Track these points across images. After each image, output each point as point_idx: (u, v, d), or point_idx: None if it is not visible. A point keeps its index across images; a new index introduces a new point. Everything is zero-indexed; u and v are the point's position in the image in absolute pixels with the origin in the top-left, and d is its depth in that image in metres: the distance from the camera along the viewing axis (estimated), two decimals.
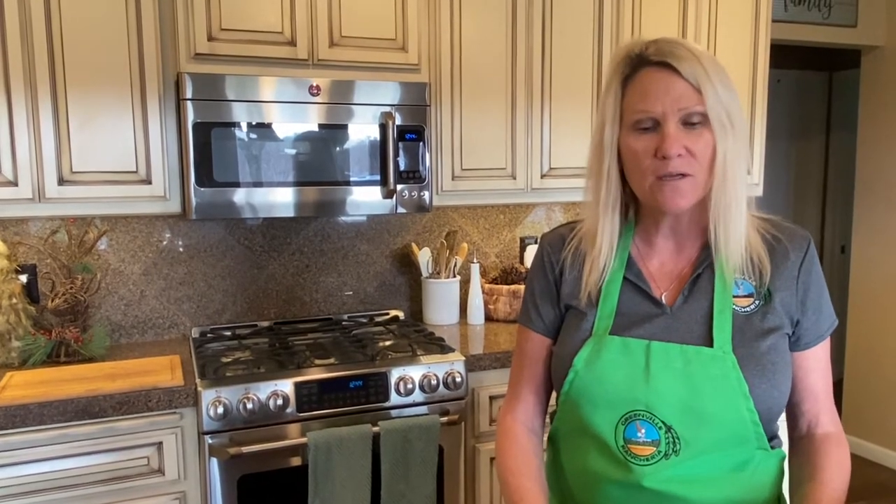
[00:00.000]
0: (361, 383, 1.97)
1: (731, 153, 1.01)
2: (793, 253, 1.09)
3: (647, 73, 1.03)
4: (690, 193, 1.02)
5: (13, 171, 1.90)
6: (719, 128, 1.00)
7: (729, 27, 2.67)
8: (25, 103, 1.89)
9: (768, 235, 1.09)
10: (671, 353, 1.04)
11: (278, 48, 2.07)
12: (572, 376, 1.09)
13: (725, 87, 1.01)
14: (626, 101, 1.04)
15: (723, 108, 1.00)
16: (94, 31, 1.93)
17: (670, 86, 1.00)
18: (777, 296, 1.07)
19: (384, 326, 2.45)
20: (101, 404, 1.76)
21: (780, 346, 1.06)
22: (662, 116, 1.00)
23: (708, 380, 1.01)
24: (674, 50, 1.01)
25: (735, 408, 1.01)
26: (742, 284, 1.07)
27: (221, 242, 2.41)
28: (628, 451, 1.03)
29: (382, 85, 2.17)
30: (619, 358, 1.06)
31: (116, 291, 2.30)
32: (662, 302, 1.09)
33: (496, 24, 2.35)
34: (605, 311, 1.10)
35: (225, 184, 2.03)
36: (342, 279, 2.58)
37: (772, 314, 1.06)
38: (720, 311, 1.05)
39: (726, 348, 1.03)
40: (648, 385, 1.03)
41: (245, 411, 1.84)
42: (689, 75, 0.99)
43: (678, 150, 0.99)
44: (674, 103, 1.00)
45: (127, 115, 1.98)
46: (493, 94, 2.38)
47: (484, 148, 2.39)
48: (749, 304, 1.06)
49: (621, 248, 1.12)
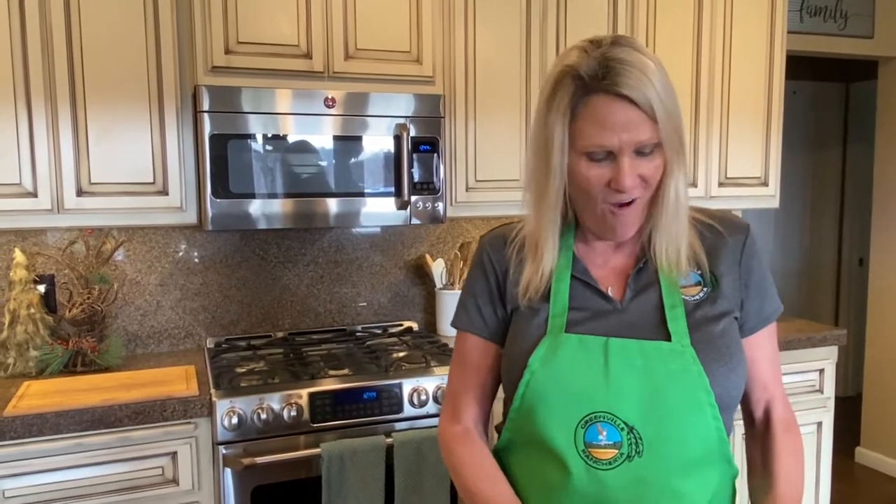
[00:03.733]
0: (375, 395, 1.97)
1: (679, 171, 1.02)
2: (731, 238, 1.10)
3: (600, 102, 0.97)
4: (637, 219, 1.04)
5: (33, 182, 1.92)
6: (672, 153, 0.99)
7: (744, 39, 2.67)
8: (46, 116, 1.92)
9: (700, 226, 1.09)
10: (630, 349, 1.01)
11: (294, 61, 2.09)
12: (528, 377, 1.04)
13: (673, 102, 0.98)
14: (578, 126, 0.99)
15: (673, 129, 0.98)
16: (114, 45, 1.96)
17: (626, 119, 0.96)
18: (723, 280, 1.08)
19: (398, 338, 2.45)
20: (117, 414, 1.77)
21: (732, 329, 1.06)
22: (618, 150, 0.97)
23: (668, 376, 0.99)
24: (626, 77, 0.95)
25: (697, 404, 0.99)
26: (689, 275, 1.07)
27: (237, 253, 2.43)
28: (589, 455, 0.99)
29: (397, 97, 2.18)
30: (577, 356, 1.02)
31: (133, 302, 2.32)
32: (612, 297, 1.07)
33: (510, 36, 2.36)
34: (557, 309, 1.07)
35: (241, 195, 2.04)
36: (356, 290, 2.59)
37: (721, 299, 1.07)
38: (672, 306, 1.04)
39: (684, 341, 1.01)
40: (608, 384, 0.99)
41: (259, 422, 1.85)
42: (644, 104, 0.95)
43: (633, 182, 0.99)
44: (630, 137, 0.96)
45: (145, 127, 2.01)
46: (507, 106, 2.39)
47: (498, 159, 2.40)
48: (697, 292, 1.07)
49: (565, 247, 1.11)
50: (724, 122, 2.67)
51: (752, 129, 2.72)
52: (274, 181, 2.07)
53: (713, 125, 2.65)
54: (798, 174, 4.80)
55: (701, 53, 2.61)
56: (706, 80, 2.63)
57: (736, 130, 2.69)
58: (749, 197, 2.76)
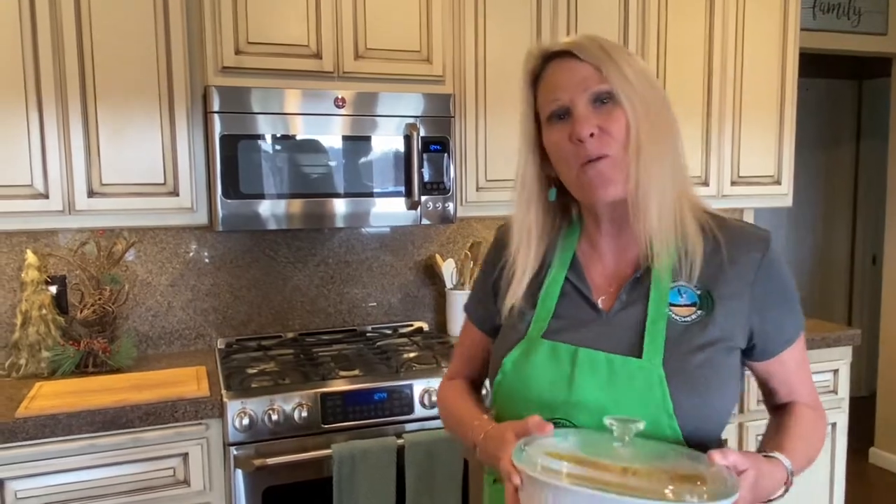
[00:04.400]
0: (386, 395, 1.96)
1: (647, 132, 0.97)
2: (743, 256, 1.00)
3: (551, 67, 1.03)
4: (615, 176, 0.98)
5: (44, 183, 1.92)
6: (628, 104, 0.97)
7: (757, 37, 2.64)
8: (56, 117, 1.92)
9: (712, 234, 1.01)
10: (597, 361, 0.99)
11: (304, 61, 2.08)
12: (500, 378, 1.06)
13: (633, 70, 0.99)
14: (539, 96, 1.05)
15: (631, 87, 0.98)
16: (124, 46, 1.96)
17: (573, 71, 1.00)
18: (722, 305, 0.99)
19: (408, 338, 2.45)
20: (129, 415, 1.78)
21: (716, 360, 0.97)
22: (571, 102, 0.99)
23: (631, 392, 0.95)
24: (575, 40, 1.02)
25: (657, 424, 0.94)
26: (685, 292, 1.00)
27: (247, 253, 2.43)
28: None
29: (407, 97, 2.17)
30: (546, 362, 1.01)
31: (144, 302, 2.33)
32: (599, 307, 1.04)
33: (521, 35, 2.35)
34: (542, 314, 1.06)
35: (251, 195, 2.04)
36: (366, 290, 2.58)
37: (712, 326, 0.98)
38: (653, 321, 0.99)
39: (655, 361, 0.96)
40: (570, 392, 0.98)
41: (270, 423, 1.84)
42: (590, 57, 0.99)
43: (589, 129, 0.97)
44: (578, 86, 0.99)
45: (155, 127, 2.01)
46: (517, 105, 2.36)
47: (508, 159, 2.36)
48: (690, 313, 0.99)
49: (566, 248, 1.09)
50: (736, 121, 2.65)
51: (765, 127, 2.69)
52: (284, 181, 2.07)
53: (725, 123, 2.63)
54: (811, 172, 4.76)
55: (713, 51, 2.59)
56: (718, 78, 2.60)
57: (749, 129, 2.67)
58: (762, 196, 2.74)
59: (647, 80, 1.00)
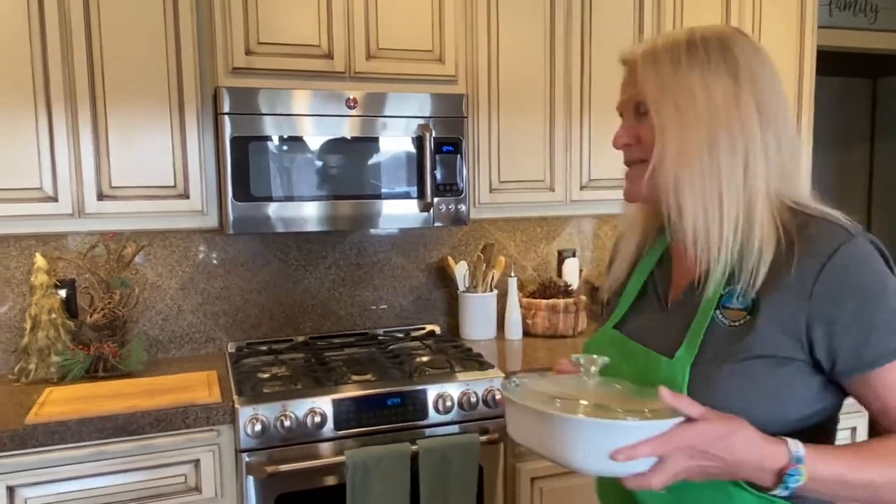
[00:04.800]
0: (399, 400, 1.93)
1: (674, 140, 0.94)
2: (807, 261, 0.89)
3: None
4: (638, 181, 1.00)
5: (53, 186, 1.90)
6: (655, 113, 0.96)
7: (773, 36, 2.60)
8: (66, 119, 1.90)
9: (788, 238, 0.92)
10: (637, 354, 1.02)
11: (315, 61, 2.05)
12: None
13: (674, 77, 0.95)
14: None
15: (662, 95, 0.95)
16: (134, 47, 1.93)
17: (625, 80, 1.04)
18: (768, 314, 0.90)
19: (420, 341, 2.41)
20: (139, 421, 1.75)
21: (755, 370, 0.90)
22: (620, 111, 1.05)
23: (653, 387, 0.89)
24: (635, 48, 1.03)
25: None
26: (741, 296, 0.93)
27: (258, 256, 2.40)
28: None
29: (419, 97, 2.14)
30: (607, 350, 1.01)
31: (154, 306, 2.30)
32: (665, 303, 1.07)
33: (534, 33, 2.32)
34: (622, 305, 1.12)
35: (262, 198, 2.01)
36: (378, 293, 2.55)
37: (753, 333, 0.91)
38: (698, 322, 0.96)
39: (685, 361, 0.93)
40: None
41: (282, 429, 1.81)
42: (630, 62, 1.02)
43: (621, 140, 1.03)
44: (624, 95, 1.04)
45: (165, 129, 1.98)
46: (531, 105, 2.34)
47: (522, 160, 2.35)
48: (739, 318, 0.93)
49: (660, 242, 1.11)
50: None
51: None
52: (295, 184, 2.04)
53: None
54: (824, 172, 4.70)
55: None
56: None
57: None
58: None
59: (688, 87, 0.94)
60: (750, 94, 0.95)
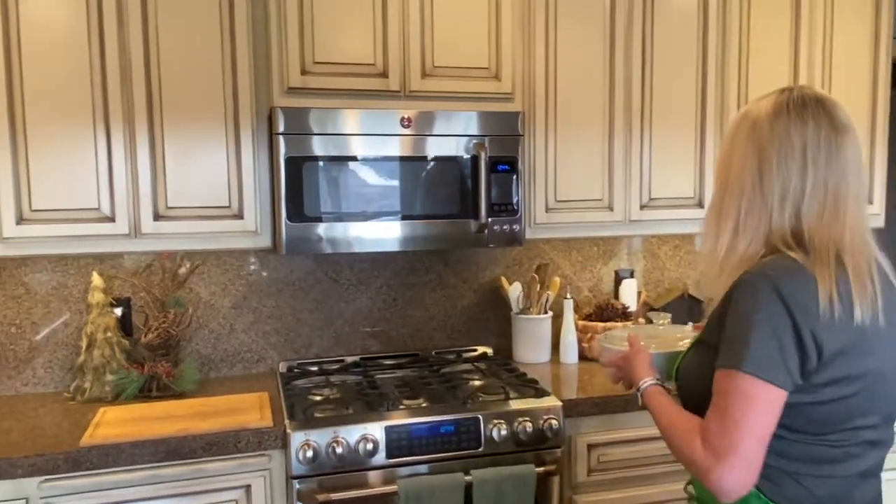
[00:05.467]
0: (453, 428, 1.87)
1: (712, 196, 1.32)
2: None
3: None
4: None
5: (111, 207, 1.91)
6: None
7: (846, 46, 2.47)
8: (124, 140, 1.90)
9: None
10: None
11: (370, 80, 2.03)
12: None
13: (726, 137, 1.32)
14: None
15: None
16: (190, 67, 1.93)
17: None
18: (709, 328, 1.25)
19: (473, 364, 2.36)
20: (191, 445, 1.74)
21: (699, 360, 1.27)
22: None
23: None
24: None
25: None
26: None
27: (309, 275, 2.38)
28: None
29: (474, 115, 2.09)
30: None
31: (207, 325, 2.30)
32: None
33: (593, 49, 2.25)
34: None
35: (315, 218, 1.99)
36: (429, 313, 2.50)
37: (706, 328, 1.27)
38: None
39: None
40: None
41: (334, 456, 1.78)
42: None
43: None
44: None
45: (221, 150, 1.98)
46: (589, 122, 2.27)
47: (579, 178, 2.28)
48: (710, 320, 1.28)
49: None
50: None
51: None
52: (349, 204, 2.01)
53: None
54: None
55: (799, 60, 2.43)
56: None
57: None
58: None
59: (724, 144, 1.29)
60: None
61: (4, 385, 2.15)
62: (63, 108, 1.86)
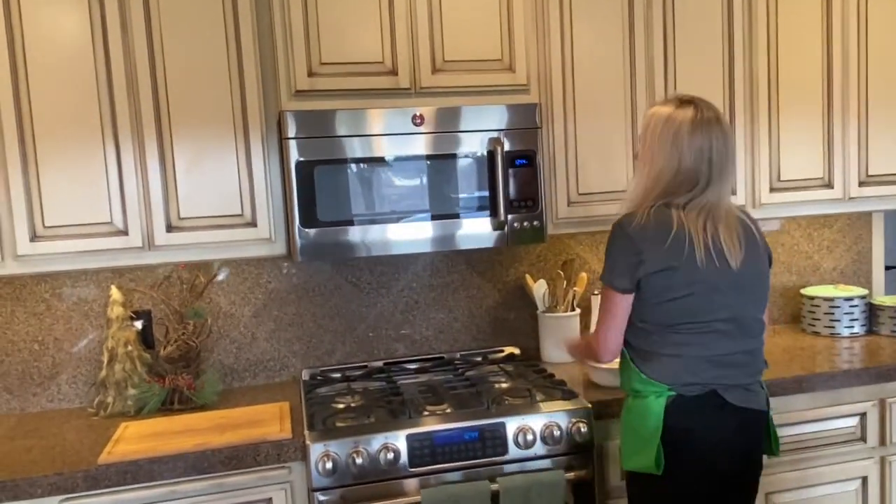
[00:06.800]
0: (477, 435, 1.81)
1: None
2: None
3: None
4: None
5: (123, 220, 1.89)
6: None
7: (882, 20, 2.34)
8: (133, 152, 1.88)
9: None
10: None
11: (379, 78, 1.97)
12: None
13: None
14: None
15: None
16: (197, 75, 1.90)
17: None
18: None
19: (499, 366, 2.29)
20: (210, 459, 1.71)
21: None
22: None
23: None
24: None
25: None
26: None
27: (329, 281, 2.34)
28: None
29: (489, 109, 2.02)
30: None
31: (228, 335, 2.27)
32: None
33: (611, 34, 2.16)
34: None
35: (330, 223, 1.94)
36: (453, 315, 2.44)
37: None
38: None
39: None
40: None
41: (355, 466, 1.73)
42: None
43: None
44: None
45: (231, 157, 1.94)
46: (610, 111, 2.18)
47: (602, 169, 2.19)
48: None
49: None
50: (862, 115, 2.35)
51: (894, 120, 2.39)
52: (363, 206, 1.96)
53: (850, 118, 2.34)
54: None
55: (832, 39, 2.31)
56: (839, 69, 2.32)
57: (877, 123, 2.37)
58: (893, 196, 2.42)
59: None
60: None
61: (30, 402, 2.15)
62: (71, 123, 1.84)
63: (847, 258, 2.78)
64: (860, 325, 2.47)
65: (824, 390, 2.07)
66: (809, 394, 2.06)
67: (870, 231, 2.78)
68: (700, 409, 1.57)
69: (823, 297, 2.50)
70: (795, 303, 2.67)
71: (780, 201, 2.33)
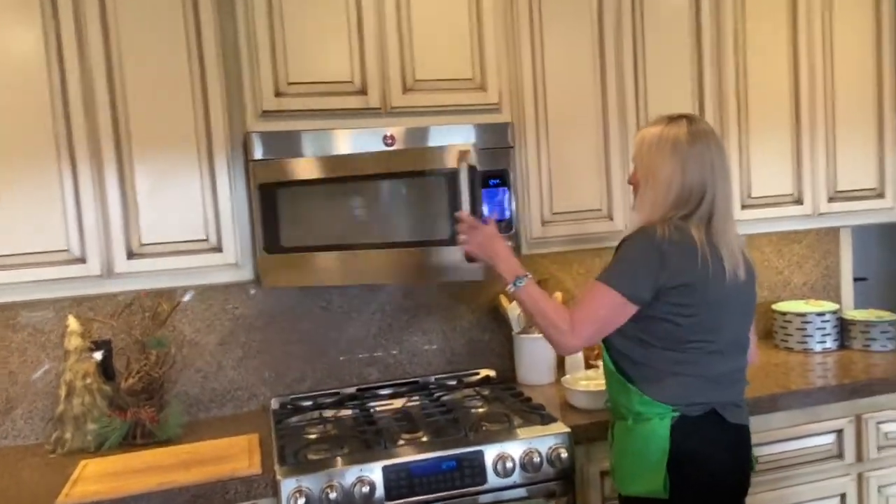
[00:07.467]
0: (455, 464, 1.75)
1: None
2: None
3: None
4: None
5: (81, 247, 1.81)
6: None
7: (846, 34, 2.37)
8: (91, 176, 1.80)
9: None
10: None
11: (349, 98, 1.92)
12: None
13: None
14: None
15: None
16: (158, 95, 1.83)
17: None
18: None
19: (474, 389, 2.24)
20: (177, 499, 1.62)
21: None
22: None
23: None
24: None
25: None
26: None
27: (299, 305, 2.27)
28: None
29: (460, 129, 1.99)
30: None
31: (193, 364, 2.19)
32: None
33: (582, 52, 2.14)
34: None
35: (296, 248, 1.88)
36: (427, 337, 2.39)
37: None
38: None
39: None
40: None
41: (328, 502, 1.66)
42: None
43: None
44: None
45: (195, 180, 1.87)
46: (582, 129, 2.16)
47: (575, 188, 2.17)
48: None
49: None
50: (829, 129, 2.37)
51: (864, 134, 2.41)
52: (331, 232, 1.90)
53: (818, 133, 2.36)
54: None
55: (798, 51, 2.33)
56: (806, 86, 2.34)
57: (844, 138, 2.39)
58: (864, 211, 2.45)
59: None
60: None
61: None
62: (24, 145, 1.75)
63: (816, 273, 2.81)
64: (832, 340, 2.48)
65: (801, 408, 2.06)
66: (786, 412, 2.05)
67: (838, 246, 2.81)
68: (703, 428, 1.54)
69: (795, 313, 2.51)
70: (767, 318, 2.67)
71: (752, 218, 2.33)
